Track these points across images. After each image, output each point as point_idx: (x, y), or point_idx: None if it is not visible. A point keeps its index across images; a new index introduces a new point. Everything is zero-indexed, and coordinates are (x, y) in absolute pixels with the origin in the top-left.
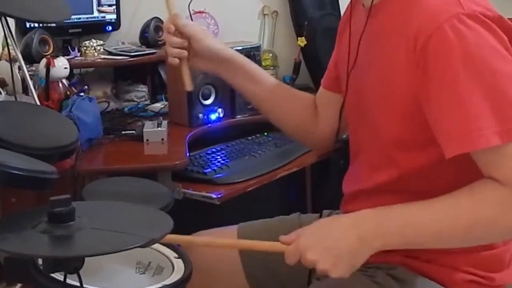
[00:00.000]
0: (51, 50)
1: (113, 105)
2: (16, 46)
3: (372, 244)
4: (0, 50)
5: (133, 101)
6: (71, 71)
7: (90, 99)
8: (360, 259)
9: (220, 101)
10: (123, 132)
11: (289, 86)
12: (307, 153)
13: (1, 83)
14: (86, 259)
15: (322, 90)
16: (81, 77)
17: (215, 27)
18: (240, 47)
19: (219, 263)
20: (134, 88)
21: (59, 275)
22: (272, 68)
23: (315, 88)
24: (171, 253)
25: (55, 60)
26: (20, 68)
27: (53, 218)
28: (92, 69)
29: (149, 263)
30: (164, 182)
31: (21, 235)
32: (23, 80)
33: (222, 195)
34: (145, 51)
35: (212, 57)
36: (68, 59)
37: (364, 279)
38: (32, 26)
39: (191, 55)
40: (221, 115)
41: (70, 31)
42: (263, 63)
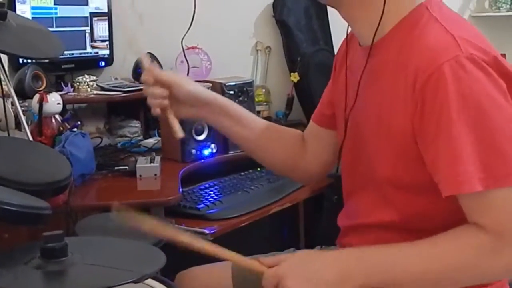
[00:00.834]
0: (44, 86)
1: (106, 140)
2: (9, 82)
3: (353, 281)
4: None
5: (126, 136)
6: (64, 106)
7: (83, 135)
8: None
9: (213, 137)
10: (116, 168)
11: (275, 125)
12: (300, 188)
13: None
14: None
15: (313, 125)
16: (74, 112)
17: (208, 62)
18: (233, 83)
19: None
20: (127, 124)
21: None
22: (265, 103)
23: (307, 123)
24: None
25: (48, 95)
26: (13, 103)
27: (46, 253)
28: (85, 104)
29: None
30: (157, 218)
31: (14, 270)
32: (16, 116)
33: (215, 230)
34: (138, 86)
35: (194, 102)
36: (61, 95)
37: None
38: (25, 61)
39: (173, 103)
40: (214, 150)
41: (63, 66)
42: (256, 99)
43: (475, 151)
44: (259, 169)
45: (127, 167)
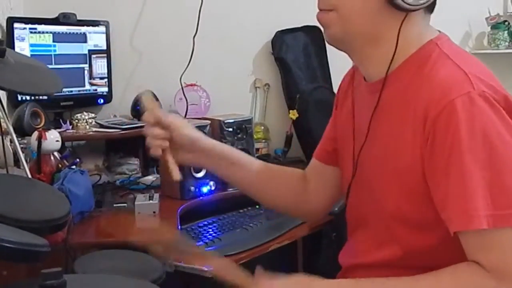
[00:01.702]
0: (42, 123)
1: (104, 178)
2: (8, 119)
3: None
4: None
5: (124, 174)
6: (62, 143)
7: (82, 172)
8: None
9: (212, 174)
10: (114, 205)
11: (274, 166)
12: (299, 226)
13: None
14: None
15: (315, 162)
16: (73, 149)
17: (207, 99)
18: (232, 120)
19: None
20: (126, 161)
21: None
22: (263, 141)
23: (306, 161)
24: None
25: (46, 133)
26: (11, 141)
27: None
28: (84, 142)
29: None
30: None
31: None
32: (15, 153)
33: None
34: (136, 124)
35: (192, 147)
36: (60, 132)
37: None
38: (24, 99)
39: (172, 146)
40: (212, 188)
41: (62, 104)
42: (254, 136)
43: (484, 188)
44: (257, 207)
45: (126, 204)
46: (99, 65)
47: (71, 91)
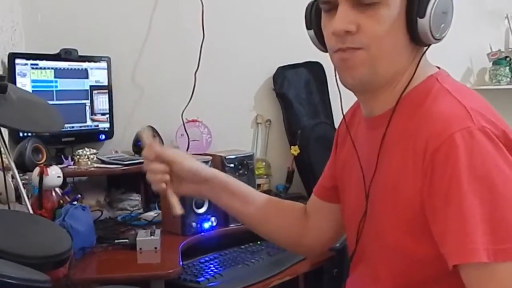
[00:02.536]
0: (44, 159)
1: (106, 213)
2: (9, 155)
3: None
4: None
5: (126, 209)
6: (64, 179)
7: (83, 208)
8: None
9: (213, 210)
10: (116, 241)
11: (276, 199)
12: (300, 261)
13: None
14: None
15: (315, 199)
16: (75, 185)
17: (208, 135)
18: (233, 156)
19: None
20: (127, 197)
21: None
22: (265, 176)
23: (308, 197)
24: None
25: (48, 169)
26: (13, 177)
27: None
28: (85, 177)
29: None
30: None
31: None
32: (16, 189)
33: None
34: (138, 159)
35: (194, 179)
36: (61, 168)
37: None
38: (26, 134)
39: (173, 179)
40: (214, 223)
41: (64, 139)
42: (256, 172)
43: (484, 222)
44: (259, 242)
45: (127, 240)
46: (101, 101)
47: (73, 127)
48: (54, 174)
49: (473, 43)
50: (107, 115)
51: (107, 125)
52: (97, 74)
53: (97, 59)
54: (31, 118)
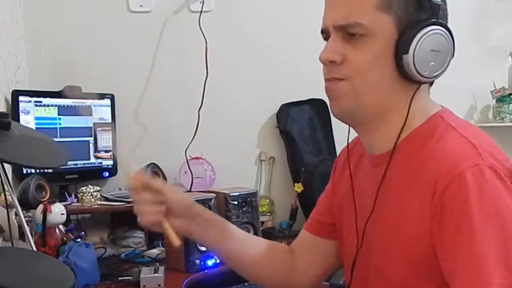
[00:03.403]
0: (47, 196)
1: (110, 251)
2: (13, 192)
3: None
4: None
5: (130, 247)
6: (68, 217)
7: (87, 245)
8: None
9: None
10: (119, 278)
11: (264, 240)
12: None
13: None
14: None
15: (306, 235)
16: (78, 223)
17: (212, 172)
18: (237, 193)
19: None
20: (131, 234)
21: None
22: (268, 214)
23: None
24: None
25: (51, 206)
26: (16, 214)
27: None
28: (89, 215)
29: None
30: None
31: None
32: (20, 226)
33: None
34: None
35: (185, 213)
36: (65, 205)
37: None
38: (29, 172)
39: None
40: (217, 261)
41: (67, 177)
42: (260, 209)
43: (496, 259)
44: None
45: (131, 277)
46: (104, 138)
47: (76, 164)
48: (58, 212)
49: (477, 80)
50: (111, 152)
51: (110, 162)
52: (101, 111)
53: (101, 96)
54: (34, 154)
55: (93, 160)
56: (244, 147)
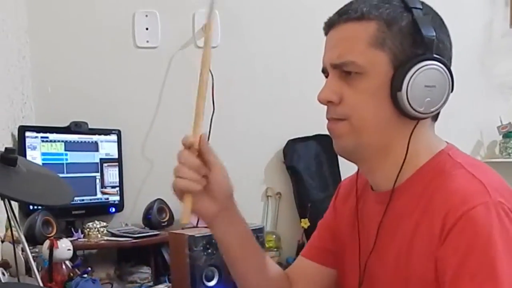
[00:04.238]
0: (54, 232)
1: (116, 286)
2: (19, 228)
3: None
4: (3, 232)
5: (136, 282)
6: (74, 252)
7: (94, 281)
8: None
9: (224, 283)
10: None
11: (276, 268)
12: None
13: (5, 264)
14: None
15: (305, 262)
16: (85, 258)
17: None
18: None
19: None
20: (138, 270)
21: None
22: (275, 250)
23: None
24: None
25: (58, 241)
26: (23, 249)
27: None
28: (95, 250)
29: None
30: None
31: None
32: (26, 262)
33: None
34: (148, 232)
35: (220, 198)
36: (71, 241)
37: None
38: (36, 207)
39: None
40: None
41: (74, 212)
42: (266, 245)
43: None
44: None
45: None
46: (111, 174)
47: (83, 199)
48: (64, 247)
49: (483, 115)
50: (117, 188)
51: (117, 198)
52: (108, 147)
53: (107, 132)
54: (41, 191)
55: (99, 195)
56: (250, 182)
